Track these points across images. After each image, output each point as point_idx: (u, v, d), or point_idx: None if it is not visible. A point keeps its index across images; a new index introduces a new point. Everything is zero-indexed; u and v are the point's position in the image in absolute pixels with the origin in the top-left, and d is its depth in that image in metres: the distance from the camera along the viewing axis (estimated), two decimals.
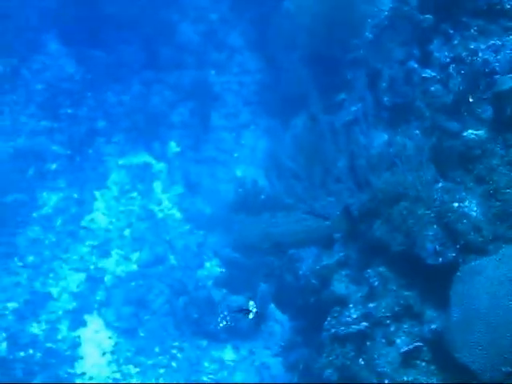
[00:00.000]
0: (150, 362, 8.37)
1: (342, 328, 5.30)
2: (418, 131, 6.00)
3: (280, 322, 8.48)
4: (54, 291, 8.98)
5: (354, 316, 5.33)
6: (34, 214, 9.74)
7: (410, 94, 6.31)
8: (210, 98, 11.05)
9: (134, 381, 8.20)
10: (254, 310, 4.49)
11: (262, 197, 7.95)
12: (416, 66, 6.36)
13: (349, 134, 6.40)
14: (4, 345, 8.28)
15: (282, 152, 7.32)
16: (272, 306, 7.91)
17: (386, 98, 6.55)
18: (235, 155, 10.59)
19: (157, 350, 8.50)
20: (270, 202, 7.35)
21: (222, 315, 4.53)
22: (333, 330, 5.36)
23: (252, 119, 10.93)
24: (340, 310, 5.46)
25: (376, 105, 6.51)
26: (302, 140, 7.07)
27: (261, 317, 4.50)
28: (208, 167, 10.37)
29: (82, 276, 9.15)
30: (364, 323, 5.23)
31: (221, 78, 11.23)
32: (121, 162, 10.44)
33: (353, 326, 5.25)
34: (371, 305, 5.31)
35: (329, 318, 5.46)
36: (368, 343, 5.18)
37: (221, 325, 4.58)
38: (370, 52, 7.22)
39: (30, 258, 9.26)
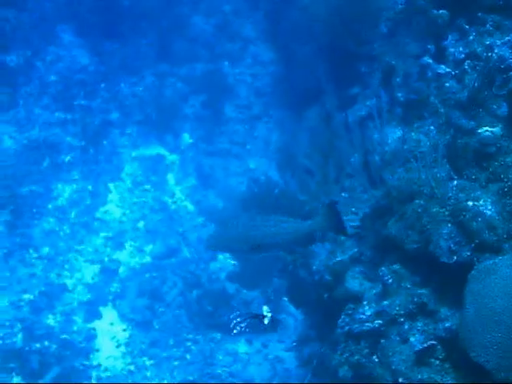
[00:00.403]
0: (164, 355, 8.44)
1: (356, 326, 5.31)
2: (432, 127, 5.99)
3: (293, 316, 8.52)
4: (69, 283, 9.06)
5: (368, 313, 5.34)
6: (49, 206, 9.82)
7: (424, 89, 6.27)
8: (223, 90, 11.05)
9: (148, 373, 8.27)
10: (269, 314, 4.50)
11: (276, 191, 7.96)
12: (431, 61, 6.33)
13: (362, 130, 6.38)
14: (20, 336, 8.36)
15: (294, 147, 7.34)
16: (285, 299, 7.97)
17: (400, 94, 6.52)
18: (248, 147, 10.60)
19: (171, 342, 8.57)
20: (284, 197, 7.36)
21: (235, 321, 4.51)
22: (347, 328, 5.38)
23: (265, 111, 10.93)
24: (354, 308, 5.47)
25: (390, 100, 6.48)
26: (315, 135, 7.08)
27: (276, 321, 4.48)
28: (221, 159, 10.40)
29: (96, 268, 9.23)
30: (378, 321, 5.24)
31: (234, 69, 11.23)
32: (134, 153, 10.50)
33: (367, 324, 5.26)
34: (385, 302, 5.31)
35: (343, 316, 5.47)
36: (382, 341, 5.19)
37: (234, 331, 4.56)
38: (385, 46, 7.19)
39: (45, 250, 9.34)
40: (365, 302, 5.46)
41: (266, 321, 4.53)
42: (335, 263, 5.99)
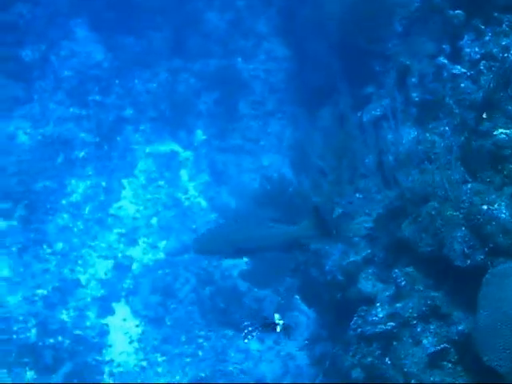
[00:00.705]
0: (176, 351, 8.49)
1: (369, 328, 5.32)
2: (447, 128, 5.96)
3: (305, 314, 8.53)
4: (83, 278, 9.12)
5: (381, 315, 5.35)
6: (63, 202, 9.87)
7: (439, 90, 6.25)
8: (236, 86, 11.03)
9: (160, 369, 8.32)
10: (281, 322, 4.51)
11: (290, 190, 7.97)
12: (446, 61, 6.30)
13: (377, 130, 6.37)
14: (33, 331, 8.44)
15: (308, 145, 7.33)
16: (297, 297, 7.99)
17: (415, 94, 6.51)
18: (262, 144, 10.60)
19: (183, 338, 8.62)
20: (298, 196, 7.36)
21: (246, 330, 4.52)
22: (359, 330, 5.39)
23: (279, 107, 10.90)
24: (367, 309, 5.48)
25: (405, 100, 6.47)
26: (329, 134, 7.07)
27: (289, 328, 4.48)
28: (234, 156, 10.40)
29: (109, 263, 9.28)
30: (391, 323, 5.25)
31: (247, 65, 11.20)
32: (148, 150, 10.51)
33: (379, 326, 5.27)
34: (398, 305, 5.32)
35: (355, 317, 5.48)
36: (394, 343, 5.20)
37: (246, 340, 4.57)
38: (399, 45, 7.16)
39: (59, 245, 9.40)
40: (377, 304, 5.48)
41: (278, 328, 4.54)
42: (348, 263, 6.01)
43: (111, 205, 9.85)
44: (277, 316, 4.56)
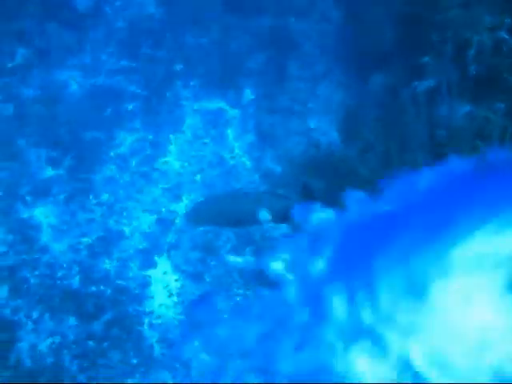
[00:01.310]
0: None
1: None
2: (503, 106, 5.85)
3: None
4: (127, 230, 9.28)
5: None
6: (111, 153, 10.01)
7: (498, 65, 6.11)
8: (288, 46, 10.94)
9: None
10: None
11: (336, 157, 7.94)
12: (507, 36, 6.15)
13: (430, 103, 6.28)
14: (77, 278, 8.66)
15: (357, 113, 7.28)
16: None
17: (471, 67, 6.38)
18: (310, 106, 10.53)
19: (221, 295, 8.76)
20: (344, 165, 7.34)
21: None
22: None
23: (329, 70, 10.78)
24: None
25: (461, 74, 6.34)
26: (380, 103, 7.00)
27: None
28: (281, 117, 10.36)
29: (153, 217, 9.42)
30: None
31: (300, 25, 11.08)
32: (196, 106, 10.55)
33: None
34: None
35: None
36: None
37: None
38: (459, 16, 6.99)
39: (105, 196, 9.57)
40: None
41: None
42: None
43: (157, 159, 9.96)
44: None
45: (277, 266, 4.48)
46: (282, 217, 5.43)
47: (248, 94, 10.66)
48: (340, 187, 5.34)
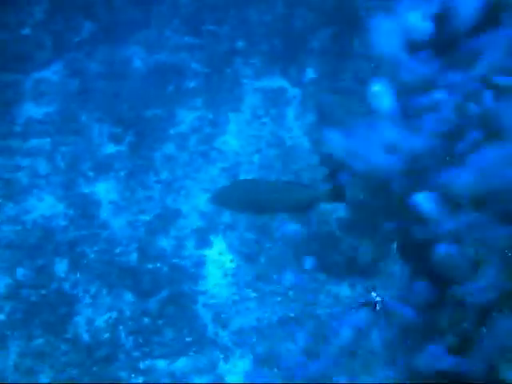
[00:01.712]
0: (267, 289, 8.66)
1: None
2: None
3: (400, 265, 8.43)
4: (184, 208, 9.36)
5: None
6: (171, 131, 10.08)
7: None
8: (352, 24, 10.67)
9: (251, 304, 8.52)
10: (379, 299, 4.54)
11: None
12: None
13: None
14: (134, 255, 8.81)
15: None
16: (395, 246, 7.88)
17: None
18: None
19: (275, 277, 8.77)
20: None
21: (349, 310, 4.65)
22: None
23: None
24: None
25: None
26: None
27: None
28: (343, 97, 10.17)
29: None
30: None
31: (366, 3, 10.77)
32: (256, 84, 10.48)
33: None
34: None
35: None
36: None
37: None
38: None
39: (164, 174, 9.66)
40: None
41: (378, 307, 4.59)
42: None
43: (216, 138, 9.97)
44: (374, 294, 4.61)
45: None
46: (304, 208, 5.44)
47: (310, 73, 10.50)
48: None
